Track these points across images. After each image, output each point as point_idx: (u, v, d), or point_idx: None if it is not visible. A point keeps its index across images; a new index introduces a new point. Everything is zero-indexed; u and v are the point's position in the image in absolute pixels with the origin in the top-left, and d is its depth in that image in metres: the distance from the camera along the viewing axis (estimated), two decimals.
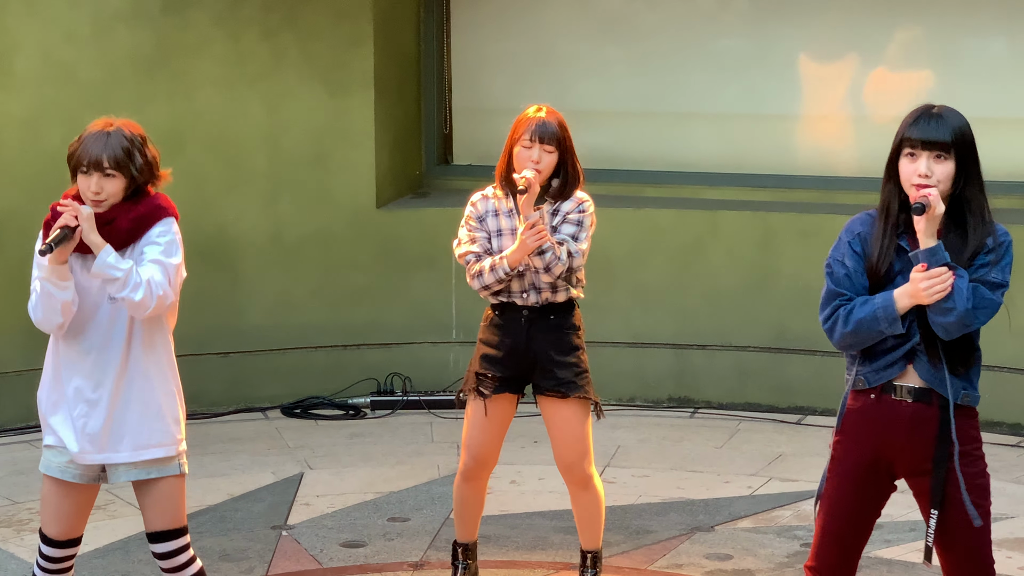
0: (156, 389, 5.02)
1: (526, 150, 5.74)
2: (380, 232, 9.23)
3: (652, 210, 9.16)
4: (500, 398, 5.87)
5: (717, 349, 9.08)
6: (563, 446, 5.86)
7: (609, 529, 6.89)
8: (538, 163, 5.73)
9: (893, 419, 4.53)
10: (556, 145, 5.75)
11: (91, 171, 4.86)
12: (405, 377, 9.08)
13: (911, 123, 4.48)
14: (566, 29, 9.64)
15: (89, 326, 4.92)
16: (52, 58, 8.66)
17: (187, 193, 8.84)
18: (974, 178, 4.49)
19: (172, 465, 5.05)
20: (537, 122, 5.75)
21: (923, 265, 4.38)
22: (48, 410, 5.00)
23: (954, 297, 4.37)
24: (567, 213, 5.81)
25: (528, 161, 5.73)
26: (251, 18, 8.98)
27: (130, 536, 6.86)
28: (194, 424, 8.77)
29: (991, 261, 4.47)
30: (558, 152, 5.76)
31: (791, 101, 9.39)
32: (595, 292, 9.11)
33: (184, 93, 8.92)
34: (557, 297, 5.85)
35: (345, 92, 9.12)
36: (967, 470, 4.51)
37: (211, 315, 9.01)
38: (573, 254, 5.75)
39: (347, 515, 7.22)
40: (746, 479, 7.71)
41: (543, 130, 5.74)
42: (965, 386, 4.54)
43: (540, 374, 5.84)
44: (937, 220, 4.41)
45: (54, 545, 5.07)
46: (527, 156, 5.73)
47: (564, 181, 5.81)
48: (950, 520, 4.53)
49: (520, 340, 5.83)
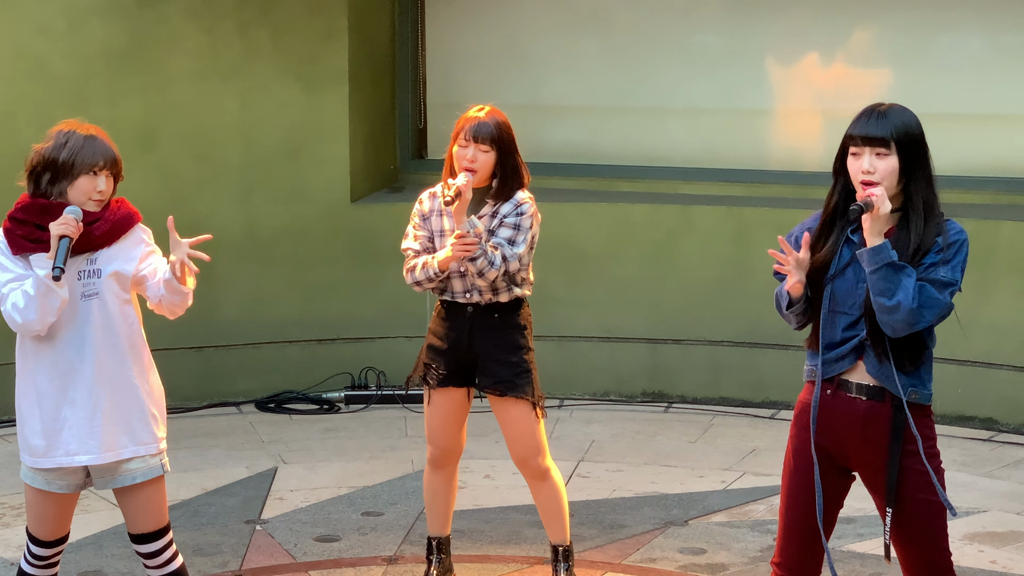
0: (134, 387, 5.01)
1: (462, 149, 5.78)
2: (354, 226, 9.22)
3: (626, 205, 9.17)
4: (448, 390, 5.92)
5: (691, 344, 9.09)
6: (514, 442, 5.91)
7: (583, 523, 6.90)
8: (473, 162, 5.75)
9: (847, 416, 4.55)
10: (492, 144, 5.76)
11: (101, 171, 4.89)
12: (379, 371, 9.08)
13: (855, 121, 4.50)
14: (540, 24, 9.64)
15: (62, 325, 4.91)
16: (25, 52, 8.64)
17: (161, 187, 8.88)
18: (919, 174, 4.47)
19: (155, 466, 5.05)
20: (474, 122, 5.78)
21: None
22: (26, 415, 4.98)
23: (899, 296, 4.37)
24: (504, 216, 5.81)
25: (464, 160, 5.75)
26: (225, 12, 8.96)
27: (103, 531, 6.85)
28: (168, 419, 8.74)
29: (940, 260, 4.45)
30: (495, 151, 5.77)
31: (765, 96, 9.41)
32: (569, 286, 9.17)
33: (158, 87, 8.90)
34: (500, 297, 5.85)
35: (319, 86, 9.12)
36: (926, 466, 4.51)
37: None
38: (508, 259, 5.74)
39: (321, 509, 7.22)
40: (720, 473, 7.73)
41: (478, 130, 5.76)
42: (915, 384, 4.54)
43: (481, 371, 5.89)
44: (883, 219, 4.41)
45: (42, 545, 5.08)
46: (463, 155, 5.77)
47: (502, 181, 5.81)
48: (906, 515, 4.54)
49: (463, 336, 5.87)
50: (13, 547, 6.62)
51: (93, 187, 4.89)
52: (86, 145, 4.90)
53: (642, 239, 9.11)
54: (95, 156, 4.89)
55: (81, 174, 4.88)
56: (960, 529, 6.80)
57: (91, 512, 7.05)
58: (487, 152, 5.77)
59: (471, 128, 5.77)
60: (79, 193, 4.89)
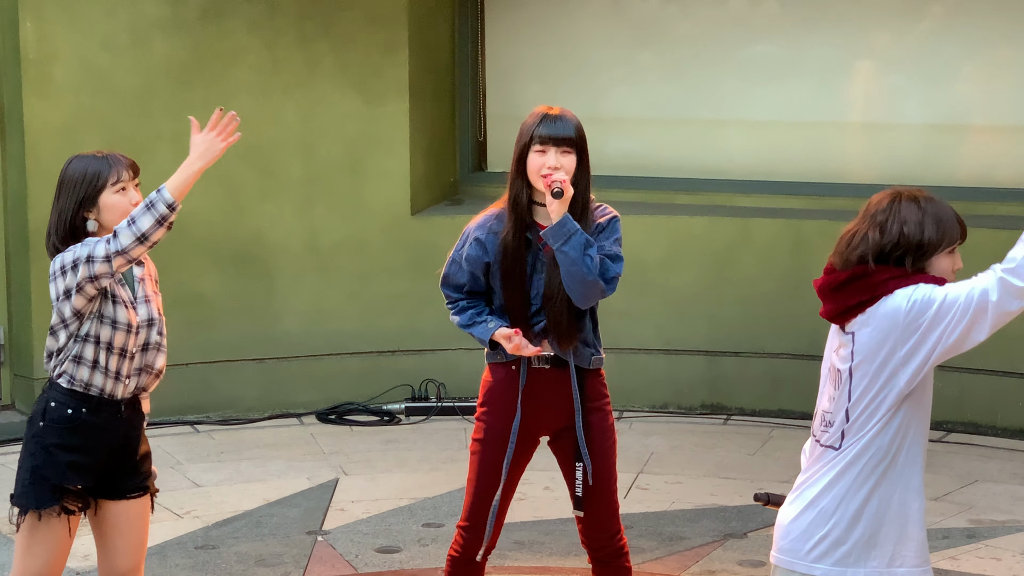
0: None
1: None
2: (414, 239, 9.27)
3: (685, 217, 9.17)
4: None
5: (750, 356, 9.09)
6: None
7: (642, 536, 6.92)
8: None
9: (535, 386, 5.17)
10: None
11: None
12: (439, 383, 9.12)
13: (539, 123, 5.08)
14: (599, 36, 9.66)
15: None
16: (90, 66, 8.73)
17: (222, 200, 8.97)
18: (586, 169, 5.12)
19: None
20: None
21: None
22: None
23: (593, 270, 4.99)
24: None
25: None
26: (286, 26, 9.03)
27: (167, 541, 6.91)
28: (230, 430, 8.85)
29: (604, 237, 5.12)
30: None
31: (824, 108, 9.39)
32: (628, 299, 9.16)
33: (220, 100, 8.89)
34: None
35: (380, 99, 9.17)
36: (600, 423, 5.21)
37: (246, 321, 9.08)
38: None
39: (382, 520, 7.26)
40: (779, 486, 7.70)
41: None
42: (593, 352, 5.21)
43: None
44: (567, 202, 5.00)
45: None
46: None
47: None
48: (594, 467, 5.21)
49: None
50: (78, 556, 6.68)
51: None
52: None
53: (701, 251, 9.12)
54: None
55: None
56: (1021, 544, 6.79)
57: (155, 522, 7.11)
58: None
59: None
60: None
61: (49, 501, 4.94)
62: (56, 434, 4.95)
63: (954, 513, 7.23)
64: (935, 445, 8.27)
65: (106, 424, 4.98)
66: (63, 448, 4.95)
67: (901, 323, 4.11)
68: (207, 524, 7.19)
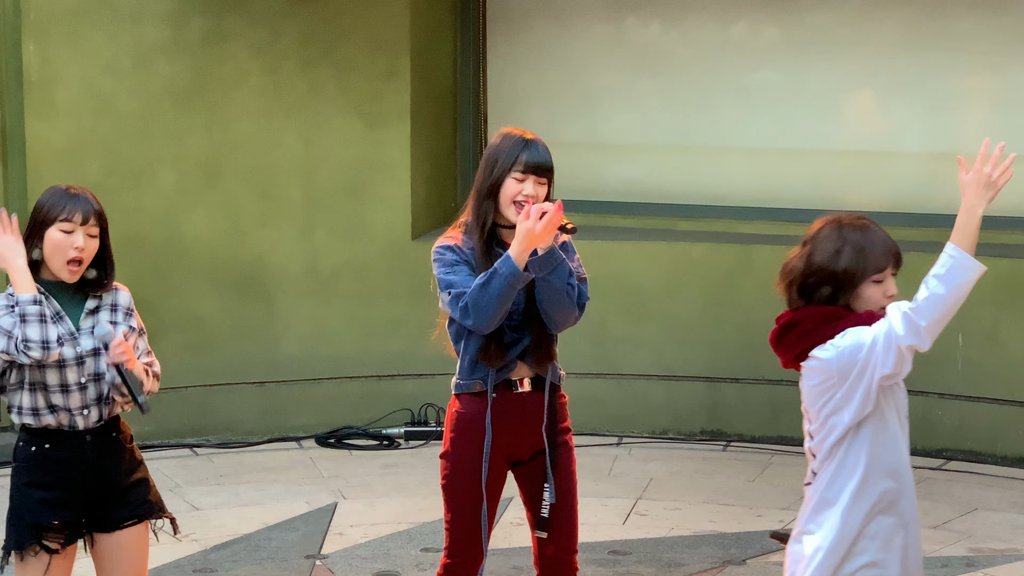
0: None
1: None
2: (415, 263, 9.25)
3: (685, 243, 9.18)
4: None
5: (750, 382, 9.09)
6: None
7: (640, 562, 6.91)
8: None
9: (510, 411, 5.07)
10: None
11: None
12: (439, 408, 9.11)
13: (523, 149, 5.00)
14: (600, 62, 9.68)
15: None
16: (92, 89, 8.75)
17: (223, 223, 8.98)
18: (551, 197, 5.05)
19: None
20: None
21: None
22: None
23: (573, 297, 4.98)
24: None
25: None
26: (288, 51, 9.05)
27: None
28: (229, 453, 8.84)
29: (569, 259, 5.05)
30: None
31: (824, 135, 9.40)
32: (628, 325, 9.18)
33: (221, 124, 9.00)
34: None
35: (381, 124, 9.18)
36: (565, 443, 5.14)
37: (246, 345, 9.08)
38: None
39: (381, 545, 7.25)
40: (778, 513, 7.72)
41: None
42: (558, 366, 5.16)
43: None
44: (553, 233, 4.92)
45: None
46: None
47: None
48: (561, 489, 5.09)
49: None
50: None
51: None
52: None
53: (701, 278, 9.12)
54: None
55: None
56: (1020, 573, 6.77)
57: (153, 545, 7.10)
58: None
59: None
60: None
61: (28, 540, 4.88)
62: (26, 473, 4.91)
63: (953, 541, 7.22)
64: (935, 473, 8.27)
65: (71, 457, 4.89)
66: (33, 486, 4.89)
67: (834, 371, 4.32)
68: (205, 547, 7.18)
